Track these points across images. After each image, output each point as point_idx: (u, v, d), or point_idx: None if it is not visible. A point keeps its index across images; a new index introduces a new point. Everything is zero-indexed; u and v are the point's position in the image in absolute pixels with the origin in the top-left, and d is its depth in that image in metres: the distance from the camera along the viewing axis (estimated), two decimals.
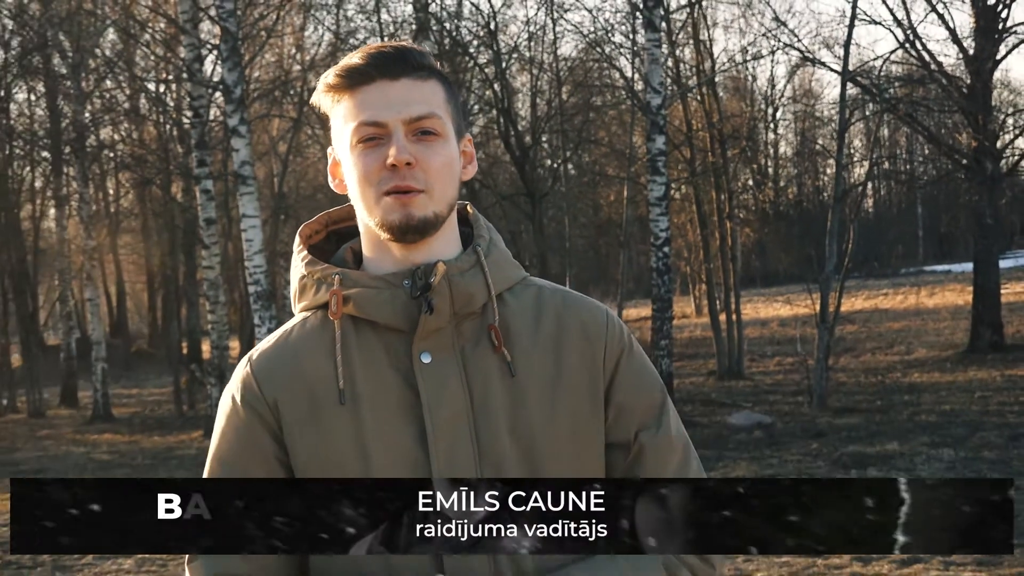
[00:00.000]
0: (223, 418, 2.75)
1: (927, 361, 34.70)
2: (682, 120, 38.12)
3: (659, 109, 26.49)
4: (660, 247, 26.33)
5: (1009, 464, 18.05)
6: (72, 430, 35.35)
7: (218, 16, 25.93)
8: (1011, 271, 56.01)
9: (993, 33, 34.85)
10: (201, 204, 31.15)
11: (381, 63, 2.64)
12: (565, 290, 2.84)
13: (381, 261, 2.73)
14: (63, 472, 25.38)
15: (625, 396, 2.75)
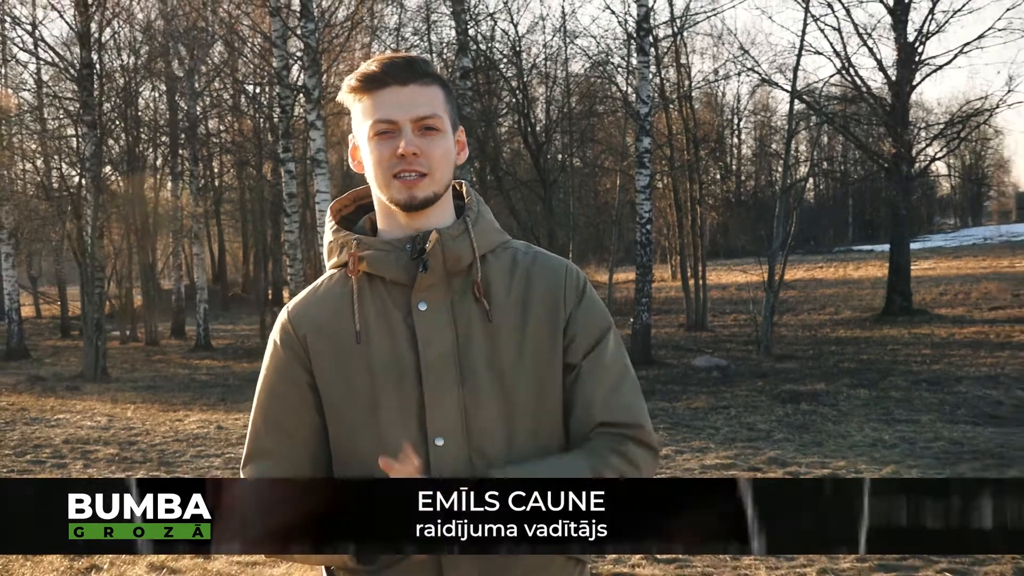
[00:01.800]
0: (268, 356, 2.84)
1: (851, 320, 34.66)
2: (665, 125, 38.08)
3: (647, 116, 26.49)
4: (644, 225, 26.39)
5: (911, 402, 18.04)
6: (180, 356, 35.52)
7: (302, 34, 26.01)
8: (919, 252, 56.01)
9: (911, 64, 34.78)
10: (285, 182, 31.22)
11: (393, 71, 2.69)
12: (537, 250, 2.87)
13: (391, 228, 2.78)
14: (171, 388, 25.48)
15: (577, 328, 2.78)
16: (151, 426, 18.06)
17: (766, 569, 8.40)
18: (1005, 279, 43.24)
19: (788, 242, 27.93)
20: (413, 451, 2.55)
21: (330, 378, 2.70)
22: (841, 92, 40.12)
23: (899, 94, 34.86)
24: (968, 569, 8.34)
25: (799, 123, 37.12)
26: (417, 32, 42.82)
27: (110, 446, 15.81)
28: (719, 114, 68.37)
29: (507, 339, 2.70)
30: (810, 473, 12.44)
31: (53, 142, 40.96)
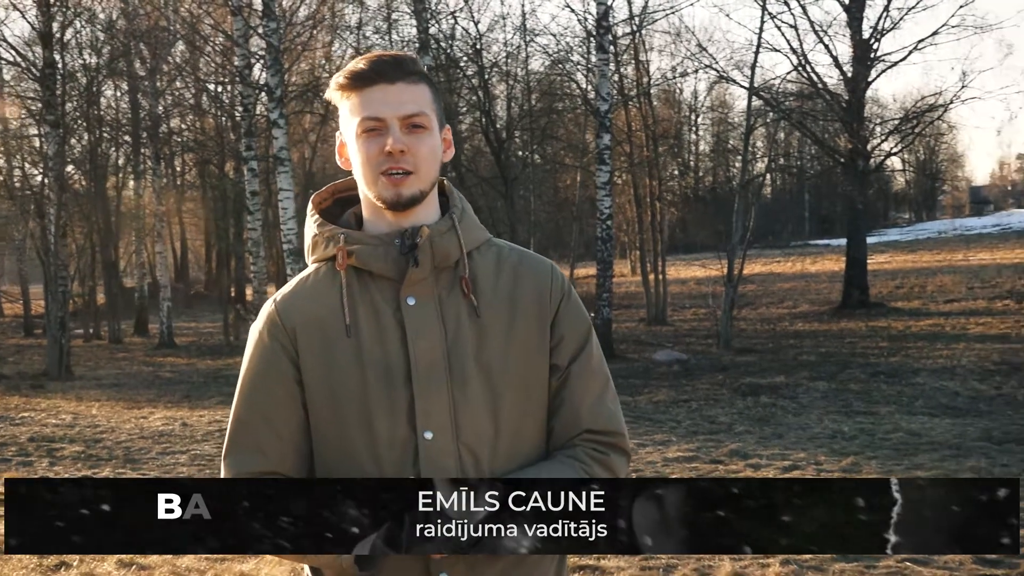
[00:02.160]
0: (252, 347, 2.80)
1: (809, 314, 34.82)
2: (624, 122, 38.13)
3: (606, 113, 26.53)
4: (604, 221, 26.43)
5: (869, 394, 18.14)
6: (143, 354, 35.38)
7: (264, 33, 25.92)
8: (875, 246, 56.28)
9: (866, 61, 34.94)
10: (247, 180, 31.21)
11: (381, 69, 2.68)
12: (521, 249, 2.88)
13: (377, 223, 2.76)
14: (135, 385, 25.40)
15: (563, 330, 2.79)
16: (116, 424, 17.97)
17: (729, 560, 8.44)
18: (960, 272, 43.49)
19: (747, 237, 28.03)
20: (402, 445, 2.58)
21: (318, 372, 2.68)
22: (798, 88, 40.20)
23: (855, 90, 35.02)
24: (928, 558, 8.39)
25: (756, 119, 37.16)
26: (378, 31, 42.80)
27: (76, 444, 15.73)
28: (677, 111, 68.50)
29: (495, 335, 2.71)
30: (770, 465, 12.49)
31: (15, 141, 40.77)
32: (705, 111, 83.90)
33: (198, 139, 45.48)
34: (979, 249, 58.40)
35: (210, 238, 60.17)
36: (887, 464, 12.20)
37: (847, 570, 8.13)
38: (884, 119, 50.44)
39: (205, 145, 44.08)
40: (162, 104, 41.68)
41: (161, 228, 41.71)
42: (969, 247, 60.10)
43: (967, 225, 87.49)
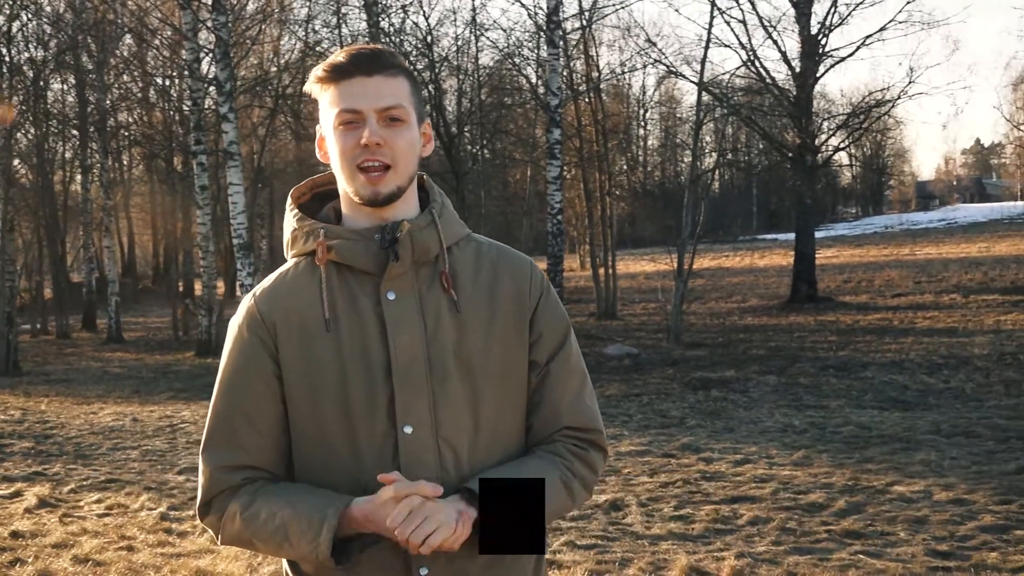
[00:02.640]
0: (231, 341, 2.78)
1: (758, 308, 34.97)
2: (574, 117, 38.17)
3: (557, 108, 26.59)
4: (555, 215, 26.49)
5: (819, 388, 18.25)
6: (91, 349, 35.20)
7: (213, 27, 25.81)
8: (822, 240, 56.59)
9: (814, 56, 35.14)
10: (196, 174, 31.11)
11: (360, 62, 2.66)
12: (500, 245, 2.88)
13: (356, 218, 2.75)
14: (84, 381, 25.27)
15: (543, 327, 2.80)
16: (66, 419, 17.87)
17: (684, 553, 8.47)
18: (907, 267, 43.86)
19: (696, 231, 28.13)
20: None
21: (298, 366, 2.67)
22: (747, 84, 40.42)
23: (803, 85, 35.23)
24: (880, 550, 8.46)
25: (706, 114, 37.30)
26: (327, 24, 42.68)
27: (25, 440, 15.64)
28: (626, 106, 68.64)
29: (475, 330, 2.71)
30: (722, 459, 12.55)
31: None
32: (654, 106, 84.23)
33: (146, 133, 45.23)
34: (925, 244, 58.95)
35: (157, 233, 59.88)
36: (838, 457, 12.28)
37: (801, 562, 8.18)
38: (832, 114, 50.74)
39: (153, 139, 43.86)
40: (110, 98, 41.43)
41: (109, 223, 41.52)
42: (915, 242, 60.65)
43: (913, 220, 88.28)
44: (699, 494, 10.75)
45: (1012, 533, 8.83)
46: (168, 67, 41.64)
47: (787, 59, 35.92)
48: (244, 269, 25.69)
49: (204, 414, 11.92)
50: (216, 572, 8.24)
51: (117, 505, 10.97)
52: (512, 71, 42.65)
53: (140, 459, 13.88)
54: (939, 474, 11.13)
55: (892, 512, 9.66)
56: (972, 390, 17.17)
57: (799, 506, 10.05)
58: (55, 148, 46.08)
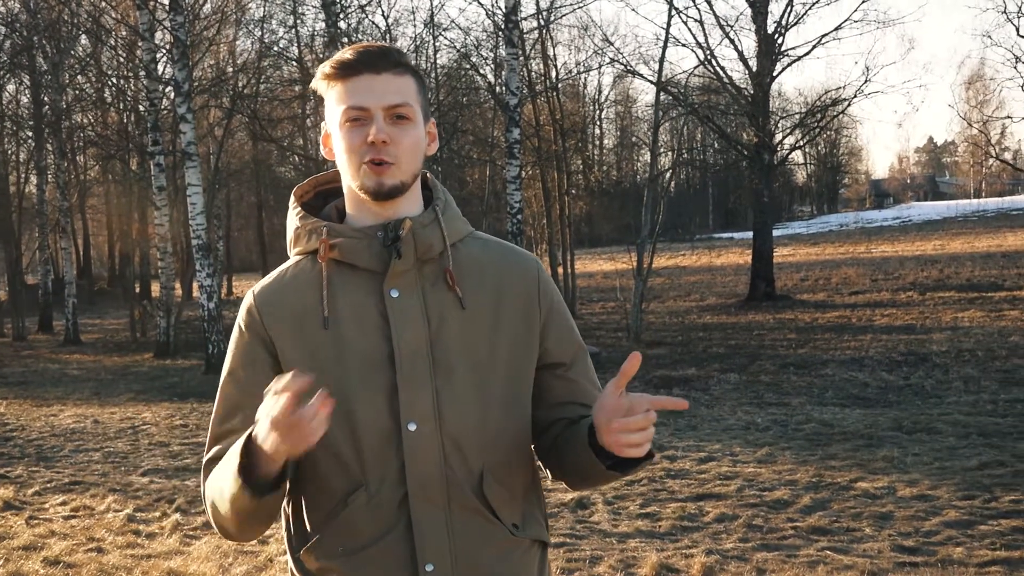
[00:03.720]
0: (232, 341, 2.80)
1: (716, 306, 35.07)
2: (532, 116, 38.20)
3: (515, 108, 26.58)
4: (514, 215, 26.50)
5: (780, 385, 18.34)
6: (48, 351, 34.98)
7: (171, 27, 25.74)
8: (779, 239, 56.89)
9: (771, 55, 35.27)
10: (154, 175, 30.97)
11: (368, 59, 2.67)
12: (504, 243, 2.90)
13: (360, 216, 2.76)
14: (43, 383, 25.14)
15: (555, 330, 2.84)
16: (26, 421, 17.80)
17: (654, 551, 8.51)
18: (863, 264, 44.13)
19: (656, 230, 28.20)
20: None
21: (298, 364, 2.64)
22: (704, 83, 40.56)
23: (760, 84, 35.35)
24: (847, 546, 8.53)
25: (664, 113, 37.42)
26: (284, 24, 42.59)
27: None
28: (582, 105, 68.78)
29: (481, 328, 2.72)
30: (686, 456, 12.60)
31: None
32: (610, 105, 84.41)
33: (102, 134, 45.01)
34: (881, 241, 59.33)
35: (113, 234, 59.64)
36: (801, 454, 12.36)
37: (769, 559, 8.24)
38: (789, 113, 51.01)
39: (109, 140, 43.63)
40: (65, 99, 41.20)
41: (66, 224, 41.30)
42: (871, 239, 61.03)
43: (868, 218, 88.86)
44: (664, 492, 10.80)
45: (976, 528, 8.92)
46: (124, 68, 41.48)
47: (744, 58, 36.09)
48: (203, 270, 25.64)
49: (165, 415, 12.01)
50: (188, 572, 8.23)
51: (83, 507, 10.94)
52: (470, 71, 42.68)
53: (103, 461, 13.84)
54: (902, 470, 11.21)
55: (857, 508, 9.74)
56: (932, 387, 17.28)
57: (765, 503, 10.12)
58: (10, 149, 45.84)
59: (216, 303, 25.72)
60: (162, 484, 12.07)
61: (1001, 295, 30.91)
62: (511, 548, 2.73)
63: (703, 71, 37.05)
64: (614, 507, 10.18)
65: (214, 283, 26.26)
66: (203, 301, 25.88)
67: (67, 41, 38.44)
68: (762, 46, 35.33)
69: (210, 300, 25.55)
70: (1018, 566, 7.86)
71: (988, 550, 8.27)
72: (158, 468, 13.10)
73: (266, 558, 8.54)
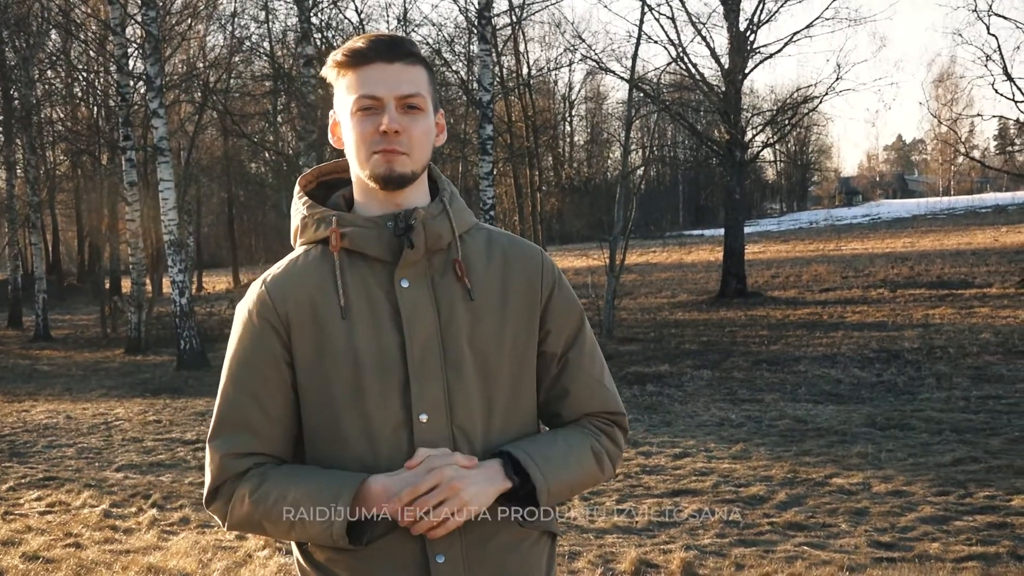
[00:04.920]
0: (240, 327, 2.78)
1: (688, 303, 35.14)
2: (504, 113, 38.24)
3: (489, 104, 26.58)
4: (487, 211, 26.49)
5: (753, 382, 18.39)
6: (19, 347, 34.83)
7: (143, 22, 25.65)
8: (749, 235, 56.98)
9: (743, 52, 35.34)
10: (125, 170, 30.88)
11: (380, 48, 2.68)
12: (509, 234, 2.92)
13: (368, 206, 2.77)
14: (14, 379, 25.04)
15: (555, 318, 2.85)
16: None
17: (634, 547, 8.53)
18: (833, 261, 44.27)
19: (628, 227, 28.23)
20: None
21: (311, 354, 2.68)
22: (676, 80, 40.61)
23: (732, 81, 35.41)
24: (824, 542, 8.56)
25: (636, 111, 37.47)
26: (256, 19, 42.54)
27: None
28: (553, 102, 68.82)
29: (488, 318, 2.74)
30: (661, 452, 12.63)
31: None
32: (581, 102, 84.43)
33: (72, 129, 44.84)
34: (850, 239, 59.52)
35: (83, 229, 59.43)
36: (776, 450, 12.40)
37: (747, 554, 8.27)
38: (760, 110, 51.12)
39: (79, 135, 43.48)
40: (35, 94, 41.03)
41: (36, 219, 41.13)
42: (841, 237, 61.24)
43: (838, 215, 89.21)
44: (640, 488, 10.83)
45: (952, 524, 8.97)
46: (95, 62, 41.35)
47: (716, 55, 36.14)
48: (175, 266, 25.57)
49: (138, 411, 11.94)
50: (168, 568, 8.21)
51: (59, 502, 10.91)
52: (442, 67, 42.66)
53: (77, 456, 13.80)
54: (876, 466, 11.27)
55: (833, 504, 9.78)
56: (904, 383, 17.36)
57: (741, 499, 10.15)
58: None
59: (188, 299, 25.65)
60: (137, 480, 12.04)
61: (971, 292, 31.07)
62: (520, 539, 2.76)
63: (675, 68, 37.12)
64: (590, 502, 10.20)
65: (186, 279, 26.18)
66: (175, 297, 25.81)
67: (37, 35, 38.25)
68: (734, 43, 35.41)
69: (182, 296, 25.48)
70: (993, 561, 7.91)
71: (964, 545, 8.32)
72: (132, 464, 13.07)
73: (245, 553, 8.53)
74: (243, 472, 2.70)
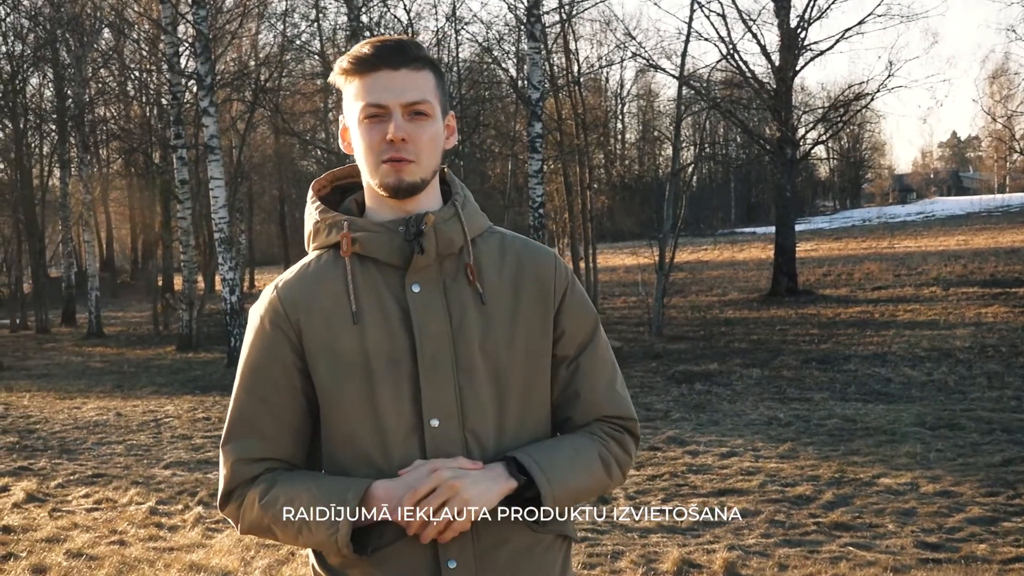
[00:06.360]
0: (252, 333, 2.78)
1: (738, 301, 35.00)
2: (554, 111, 38.17)
3: (538, 102, 26.57)
4: (536, 209, 26.47)
5: (803, 381, 18.30)
6: (71, 344, 35.07)
7: (194, 21, 25.79)
8: (801, 233, 56.61)
9: (794, 49, 35.18)
10: (176, 168, 31.07)
11: (385, 55, 2.66)
12: (523, 237, 2.89)
13: (380, 211, 2.75)
14: (66, 376, 25.23)
15: (568, 322, 2.82)
16: (49, 414, 17.86)
17: (677, 547, 8.49)
18: (886, 259, 43.98)
19: (678, 225, 28.17)
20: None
21: (323, 360, 2.67)
22: (726, 77, 40.44)
23: (783, 79, 35.26)
24: (870, 542, 8.50)
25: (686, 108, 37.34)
26: (307, 18, 42.66)
27: (9, 434, 15.63)
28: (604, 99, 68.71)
29: (500, 322, 2.72)
30: (708, 451, 12.59)
31: None
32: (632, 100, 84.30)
33: (125, 128, 45.15)
34: (904, 237, 59.12)
35: (136, 227, 59.85)
36: (823, 450, 12.33)
37: (791, 555, 8.22)
38: (811, 108, 50.84)
39: (132, 134, 43.77)
40: (88, 93, 41.34)
41: (88, 217, 41.46)
42: (894, 235, 60.82)
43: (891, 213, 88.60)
44: (686, 487, 10.78)
45: (1000, 525, 8.89)
46: (147, 61, 41.62)
47: (766, 52, 35.99)
48: (225, 263, 25.70)
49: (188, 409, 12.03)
50: (210, 566, 8.24)
51: (105, 500, 10.97)
52: (492, 65, 42.69)
53: (126, 454, 13.88)
54: (925, 466, 11.18)
55: (880, 504, 9.71)
56: (955, 382, 17.23)
57: (787, 499, 10.10)
58: (33, 143, 46.02)
59: (238, 296, 25.77)
60: (184, 477, 12.10)
61: None
62: (534, 544, 2.72)
63: (725, 65, 36.92)
64: (636, 502, 10.17)
65: (236, 276, 26.30)
66: (225, 295, 25.94)
67: (90, 34, 38.54)
68: (785, 40, 35.26)
69: (232, 293, 25.60)
70: None
71: (1012, 547, 8.24)
72: (180, 461, 13.14)
73: (288, 551, 8.55)
74: (254, 477, 2.70)
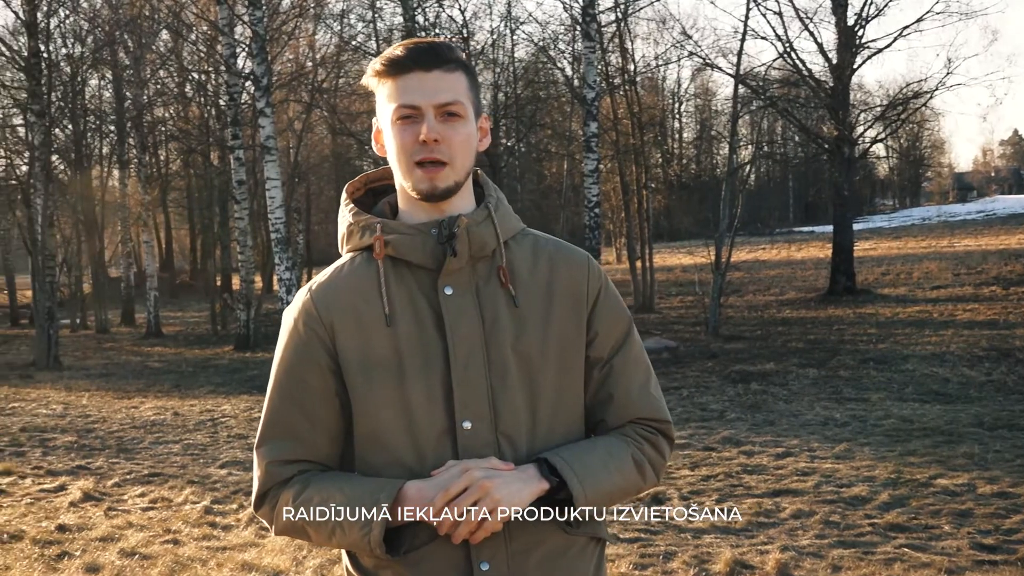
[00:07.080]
0: (286, 335, 2.79)
1: (796, 301, 34.87)
2: (610, 110, 38.14)
3: (593, 101, 26.55)
4: (592, 208, 26.46)
5: (860, 381, 18.19)
6: (131, 343, 35.38)
7: (250, 22, 25.93)
8: (860, 232, 56.36)
9: (851, 47, 35.00)
10: (234, 169, 31.30)
11: (418, 56, 2.66)
12: (556, 239, 2.88)
13: (413, 213, 2.75)
14: (125, 375, 25.42)
15: (601, 323, 2.81)
16: (107, 413, 17.97)
17: (730, 547, 8.45)
18: (945, 259, 43.63)
19: (734, 224, 28.07)
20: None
21: (357, 362, 2.67)
22: (783, 76, 40.27)
23: (840, 77, 35.10)
24: (925, 544, 8.43)
25: (743, 107, 37.22)
26: (363, 19, 42.80)
27: (68, 434, 15.73)
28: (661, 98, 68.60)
29: (533, 325, 2.71)
30: (763, 452, 12.53)
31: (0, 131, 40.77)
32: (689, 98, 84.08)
33: (183, 128, 45.44)
34: (964, 235, 58.61)
35: (195, 227, 60.24)
36: (880, 451, 12.24)
37: (845, 556, 8.16)
38: (869, 106, 50.55)
39: (190, 134, 44.04)
40: (146, 94, 41.65)
41: (147, 217, 41.79)
42: (954, 233, 60.30)
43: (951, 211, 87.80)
44: (741, 487, 10.73)
45: None
46: (204, 62, 41.87)
47: (823, 51, 35.85)
48: (282, 263, 25.83)
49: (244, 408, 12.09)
50: (262, 565, 8.27)
51: (161, 499, 11.03)
52: (547, 64, 42.71)
53: (182, 453, 13.95)
54: (983, 467, 11.08)
55: (936, 505, 9.63)
56: (1014, 383, 17.10)
57: (842, 499, 10.03)
58: (92, 144, 46.41)
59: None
60: (240, 476, 12.15)
61: None
62: (567, 546, 2.71)
63: (782, 64, 36.77)
64: (689, 502, 10.14)
65: (293, 276, 26.41)
66: (282, 294, 26.07)
67: (148, 36, 38.85)
68: (842, 38, 35.10)
69: (289, 293, 25.70)
70: None
71: None
72: (236, 460, 13.20)
73: (339, 552, 8.56)
74: (288, 479, 2.70)
